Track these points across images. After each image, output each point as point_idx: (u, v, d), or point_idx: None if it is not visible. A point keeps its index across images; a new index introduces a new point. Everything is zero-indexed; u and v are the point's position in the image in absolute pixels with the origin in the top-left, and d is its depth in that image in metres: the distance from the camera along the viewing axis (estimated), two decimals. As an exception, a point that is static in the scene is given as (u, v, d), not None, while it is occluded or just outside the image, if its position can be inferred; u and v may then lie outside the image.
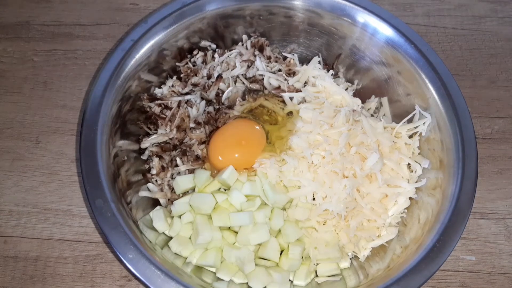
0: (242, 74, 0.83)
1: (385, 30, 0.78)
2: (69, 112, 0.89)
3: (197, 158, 0.76)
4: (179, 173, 0.76)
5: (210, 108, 0.80)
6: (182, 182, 0.73)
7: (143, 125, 0.80)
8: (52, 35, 0.98)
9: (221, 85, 0.82)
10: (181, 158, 0.76)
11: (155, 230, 0.70)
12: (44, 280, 0.74)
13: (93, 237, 0.78)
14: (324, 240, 0.71)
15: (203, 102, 0.81)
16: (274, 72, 0.84)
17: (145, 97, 0.80)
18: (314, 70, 0.84)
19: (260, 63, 0.84)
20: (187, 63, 0.85)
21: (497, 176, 0.85)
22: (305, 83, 0.84)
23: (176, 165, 0.76)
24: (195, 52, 0.86)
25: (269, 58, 0.86)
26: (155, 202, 0.76)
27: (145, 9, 1.02)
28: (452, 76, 0.74)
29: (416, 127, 0.76)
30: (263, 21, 0.85)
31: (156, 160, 0.77)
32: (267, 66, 0.85)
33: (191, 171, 0.75)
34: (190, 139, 0.78)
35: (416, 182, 0.74)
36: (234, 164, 0.72)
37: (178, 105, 0.80)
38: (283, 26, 0.86)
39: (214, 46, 0.86)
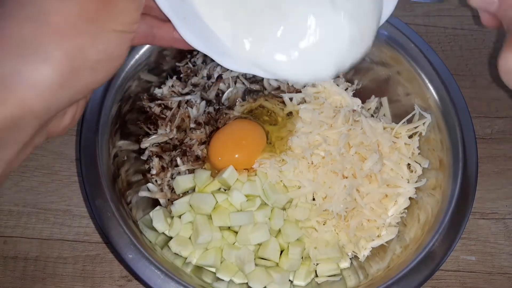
0: (242, 75, 0.83)
1: (385, 30, 0.78)
2: (69, 112, 0.88)
3: (197, 158, 0.76)
4: (179, 173, 0.76)
5: (210, 109, 0.80)
6: (182, 182, 0.73)
7: (143, 125, 0.80)
8: (52, 35, 0.98)
9: (221, 86, 0.82)
10: (181, 158, 0.76)
11: (155, 230, 0.70)
12: (44, 280, 0.74)
13: (93, 237, 0.78)
14: (324, 240, 0.71)
15: (203, 102, 0.81)
16: (274, 72, 0.84)
17: (145, 97, 0.80)
18: (314, 70, 0.83)
19: (260, 63, 0.84)
20: (187, 63, 0.85)
21: (497, 176, 0.85)
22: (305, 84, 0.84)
23: (176, 165, 0.76)
24: (195, 52, 0.85)
25: (269, 58, 0.86)
26: (155, 202, 0.76)
27: (145, 9, 1.02)
28: (452, 76, 0.74)
29: (416, 127, 0.76)
30: (263, 21, 0.85)
31: (156, 160, 0.77)
32: (267, 66, 0.85)
33: (191, 171, 0.75)
34: (190, 139, 0.78)
35: (416, 182, 0.74)
36: (234, 164, 0.72)
37: (178, 105, 0.80)
38: (283, 26, 0.86)
39: (214, 46, 0.86)
